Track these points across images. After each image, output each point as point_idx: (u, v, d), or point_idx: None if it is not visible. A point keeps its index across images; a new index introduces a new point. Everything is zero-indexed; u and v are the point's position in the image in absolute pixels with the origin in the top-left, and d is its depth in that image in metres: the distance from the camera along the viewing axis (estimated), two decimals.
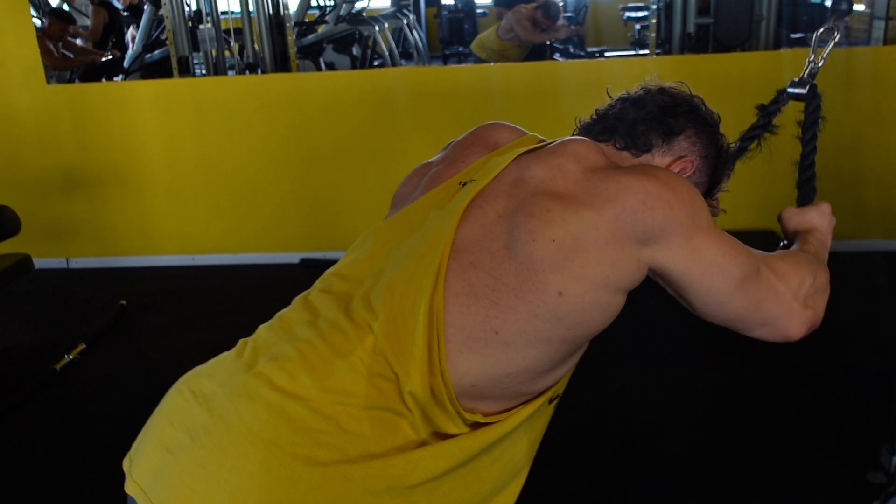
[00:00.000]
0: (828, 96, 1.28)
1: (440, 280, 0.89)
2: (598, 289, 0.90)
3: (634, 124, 1.06)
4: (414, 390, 0.86)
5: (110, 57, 5.37)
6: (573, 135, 1.12)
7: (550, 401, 0.99)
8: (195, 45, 4.10)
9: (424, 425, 0.88)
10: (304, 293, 1.01)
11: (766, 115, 1.27)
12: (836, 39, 1.23)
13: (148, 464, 0.90)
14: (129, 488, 0.90)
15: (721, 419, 2.29)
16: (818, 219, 1.18)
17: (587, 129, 1.11)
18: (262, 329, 0.98)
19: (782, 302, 0.98)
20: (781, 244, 1.20)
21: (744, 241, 0.99)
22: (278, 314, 0.99)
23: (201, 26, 4.22)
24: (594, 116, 1.12)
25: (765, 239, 3.63)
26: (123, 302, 3.32)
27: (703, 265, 0.93)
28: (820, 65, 1.24)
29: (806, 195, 1.26)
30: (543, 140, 1.08)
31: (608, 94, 1.14)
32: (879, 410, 1.84)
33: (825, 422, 2.21)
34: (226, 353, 0.97)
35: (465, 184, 0.99)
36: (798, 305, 0.99)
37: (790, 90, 1.25)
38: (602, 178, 0.93)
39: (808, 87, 1.23)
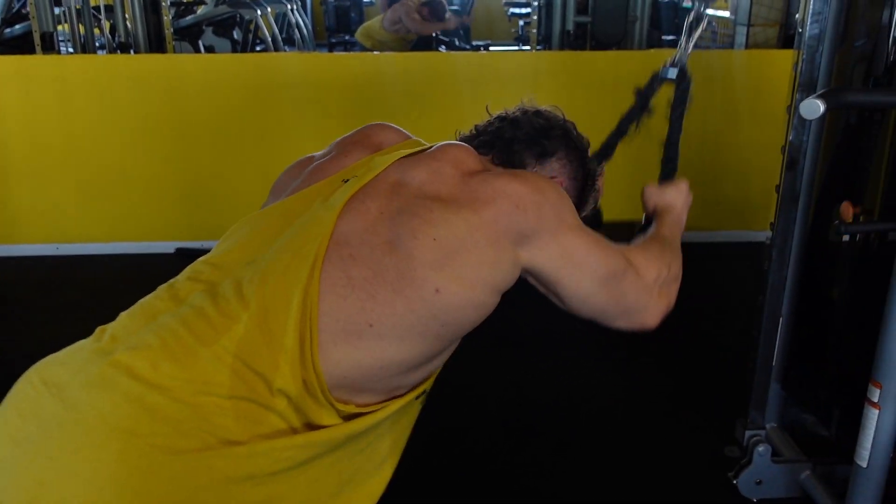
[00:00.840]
0: (694, 96, 1.37)
1: (316, 270, 0.89)
2: (476, 288, 0.94)
3: (511, 143, 1.13)
4: (285, 385, 0.86)
5: None
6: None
7: (418, 397, 1.02)
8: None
9: (296, 417, 0.87)
10: (170, 280, 0.99)
11: (643, 98, 1.35)
12: (703, 26, 1.33)
13: None
14: None
15: (589, 402, 2.38)
16: (676, 197, 1.30)
17: (467, 142, 1.15)
18: (123, 316, 0.95)
19: (641, 295, 1.08)
20: (642, 221, 1.28)
21: (611, 230, 1.06)
22: (140, 301, 0.97)
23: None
24: (473, 132, 1.18)
25: (630, 228, 3.77)
26: None
27: (571, 263, 1.01)
28: (689, 50, 1.33)
29: (667, 173, 1.36)
30: (425, 144, 1.11)
31: (487, 112, 1.20)
32: (739, 386, 1.97)
33: (689, 401, 2.35)
34: (81, 342, 0.93)
35: (347, 180, 1.01)
36: (654, 297, 1.10)
37: (662, 73, 1.33)
38: (479, 182, 0.99)
39: (678, 70, 1.32)
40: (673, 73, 1.34)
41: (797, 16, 5.17)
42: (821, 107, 1.10)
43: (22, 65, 3.61)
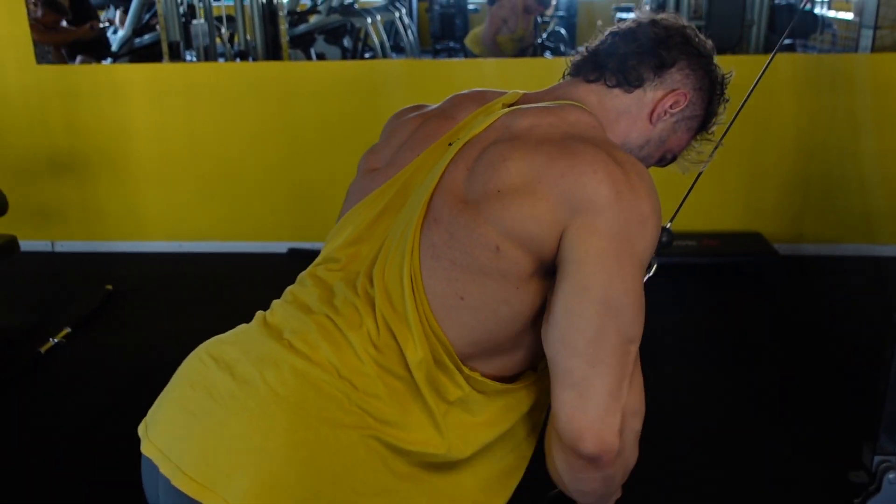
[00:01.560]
0: (819, 101, 1.28)
1: (416, 243, 0.89)
2: (522, 248, 0.86)
3: (625, 59, 1.02)
4: (416, 357, 0.88)
5: (105, 25, 5.25)
6: (564, 74, 1.09)
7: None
8: (188, 40, 4.06)
9: (431, 394, 0.89)
10: (312, 269, 1.01)
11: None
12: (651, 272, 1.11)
13: (167, 425, 0.90)
14: (146, 449, 0.90)
15: (704, 419, 2.31)
16: None
17: (578, 68, 1.07)
18: (278, 305, 0.98)
19: (613, 395, 0.84)
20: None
21: (728, 240, 0.96)
22: (290, 290, 1.00)
23: (195, 21, 4.18)
24: (585, 53, 1.07)
25: (749, 240, 3.66)
26: (109, 286, 3.30)
27: (603, 265, 0.84)
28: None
29: None
30: (527, 95, 1.06)
31: (599, 30, 1.10)
32: (862, 410, 1.86)
33: (809, 421, 2.24)
34: (245, 325, 0.98)
35: (451, 143, 0.98)
36: (618, 420, 0.84)
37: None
38: (580, 141, 0.90)
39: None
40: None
41: None
42: None
43: (151, 73, 3.84)
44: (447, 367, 0.90)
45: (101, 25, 5.21)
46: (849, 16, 6.85)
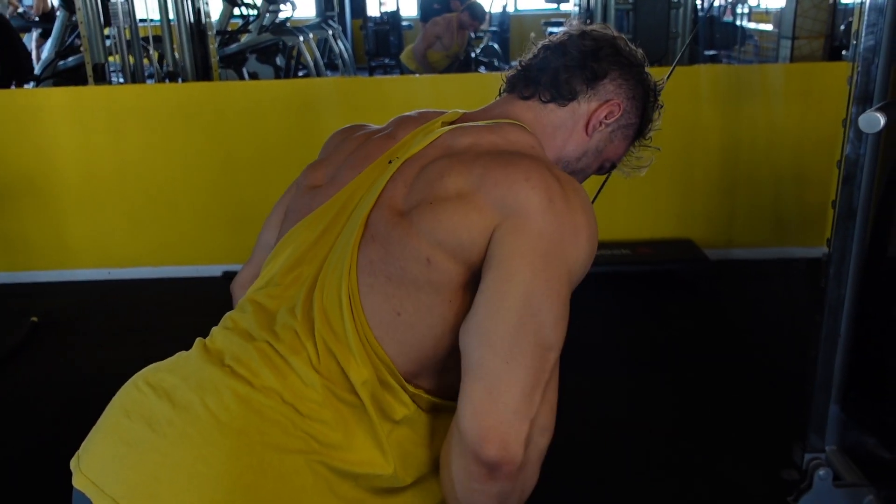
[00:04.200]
0: (743, 110, 1.33)
1: (353, 262, 0.89)
2: (452, 258, 0.86)
3: (557, 73, 1.04)
4: (361, 378, 0.87)
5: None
6: (500, 91, 1.11)
7: None
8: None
9: (377, 415, 0.88)
10: (251, 294, 0.99)
11: None
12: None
13: (101, 457, 0.87)
14: (79, 482, 0.86)
15: (638, 424, 2.34)
16: None
17: (513, 84, 1.09)
18: (218, 331, 0.97)
19: (524, 398, 0.81)
20: None
21: (661, 247, 1.00)
22: (229, 316, 0.98)
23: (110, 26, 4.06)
24: (518, 68, 1.09)
25: (681, 247, 3.73)
26: (35, 318, 3.17)
27: (530, 265, 0.83)
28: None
29: None
30: (466, 114, 1.07)
31: (532, 43, 1.12)
32: (792, 410, 1.91)
33: (742, 422, 2.29)
34: (184, 352, 0.96)
35: (392, 161, 0.98)
36: (526, 428, 0.81)
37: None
38: (516, 154, 0.91)
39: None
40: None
41: (847, 27, 5.08)
42: (881, 120, 1.07)
43: (75, 96, 3.73)
44: (391, 386, 0.89)
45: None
46: (769, 27, 7.12)
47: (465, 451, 0.81)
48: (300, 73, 6.40)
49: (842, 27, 5.12)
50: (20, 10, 6.49)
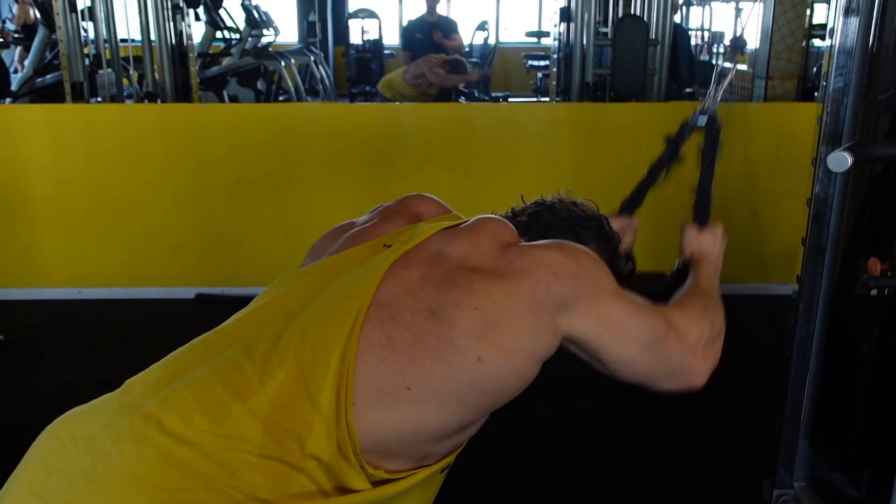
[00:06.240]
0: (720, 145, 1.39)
1: (356, 329, 0.89)
2: (518, 358, 0.94)
3: (548, 227, 1.14)
4: (318, 446, 0.84)
5: None
6: None
7: (442, 471, 1.00)
8: (94, 89, 3.95)
9: (326, 479, 0.86)
10: (204, 334, 0.97)
11: (673, 146, 1.37)
12: (731, 76, 1.36)
13: None
14: None
15: (609, 456, 2.33)
16: (713, 244, 1.38)
17: None
18: (155, 368, 0.94)
19: (686, 356, 1.08)
20: (677, 265, 1.32)
21: (635, 281, 1.05)
22: (173, 353, 0.96)
23: (101, 71, 4.07)
24: (509, 214, 1.19)
25: (655, 280, 3.75)
26: (1, 336, 3.11)
27: (611, 328, 1.01)
28: (718, 98, 1.35)
29: (701, 218, 1.37)
30: (462, 218, 1.13)
31: (522, 200, 1.23)
32: (763, 445, 1.92)
33: (712, 457, 2.30)
34: (109, 394, 0.92)
35: (388, 246, 1.01)
36: (699, 357, 1.10)
37: (692, 121, 1.36)
38: (517, 253, 1.00)
39: (708, 117, 1.37)
40: (702, 121, 1.39)
41: (818, 69, 5.20)
42: (849, 159, 1.09)
43: (52, 113, 3.70)
44: (350, 462, 0.87)
45: None
46: (743, 67, 7.27)
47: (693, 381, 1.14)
48: (281, 98, 6.41)
49: (814, 69, 5.24)
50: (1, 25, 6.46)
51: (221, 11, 6.14)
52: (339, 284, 0.96)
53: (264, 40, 6.45)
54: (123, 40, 4.59)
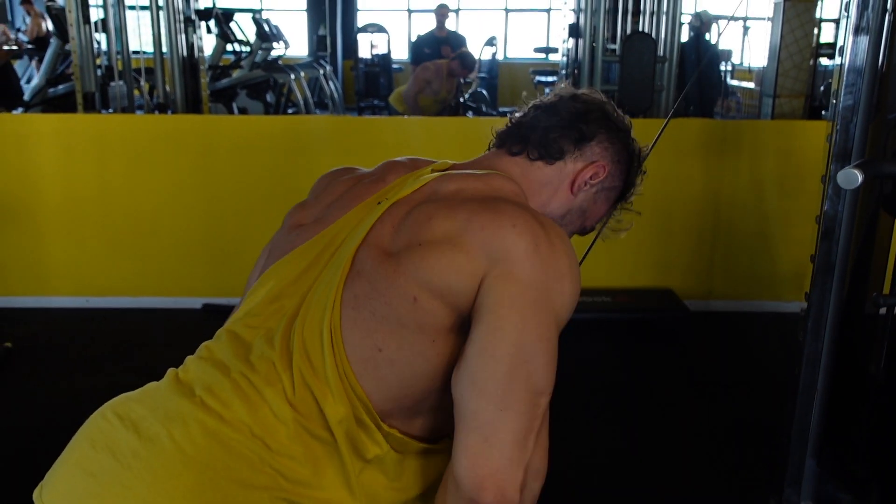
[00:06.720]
0: (726, 164, 1.36)
1: (337, 296, 0.89)
2: (439, 299, 0.87)
3: (547, 132, 1.07)
4: (336, 415, 0.87)
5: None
6: (489, 146, 1.14)
7: None
8: (105, 101, 3.98)
9: (349, 453, 0.88)
10: (229, 325, 0.99)
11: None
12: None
13: (63, 487, 0.85)
14: None
15: (615, 473, 2.32)
16: None
17: (502, 140, 1.11)
18: (191, 361, 0.96)
19: (519, 445, 0.83)
20: None
21: (641, 296, 1.02)
22: (205, 345, 0.98)
23: (113, 83, 4.10)
24: (509, 125, 1.12)
25: (661, 296, 3.75)
26: (8, 344, 3.12)
27: (518, 312, 0.85)
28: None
29: None
30: (455, 164, 1.09)
31: (523, 101, 1.15)
32: (768, 463, 1.91)
33: (719, 474, 2.28)
34: (154, 383, 0.95)
35: (380, 202, 0.99)
36: (521, 474, 0.83)
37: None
38: (503, 201, 0.93)
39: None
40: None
41: (826, 87, 5.22)
42: (859, 177, 1.10)
43: (63, 123, 3.72)
44: (366, 424, 0.89)
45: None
46: (751, 85, 7.29)
47: (461, 499, 0.82)
48: (290, 111, 6.45)
49: (821, 88, 5.25)
50: (13, 37, 6.53)
51: (232, 24, 6.19)
52: (336, 255, 0.95)
53: (274, 53, 6.51)
54: (135, 52, 4.63)
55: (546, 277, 0.87)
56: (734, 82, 7.79)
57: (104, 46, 4.20)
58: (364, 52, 8.63)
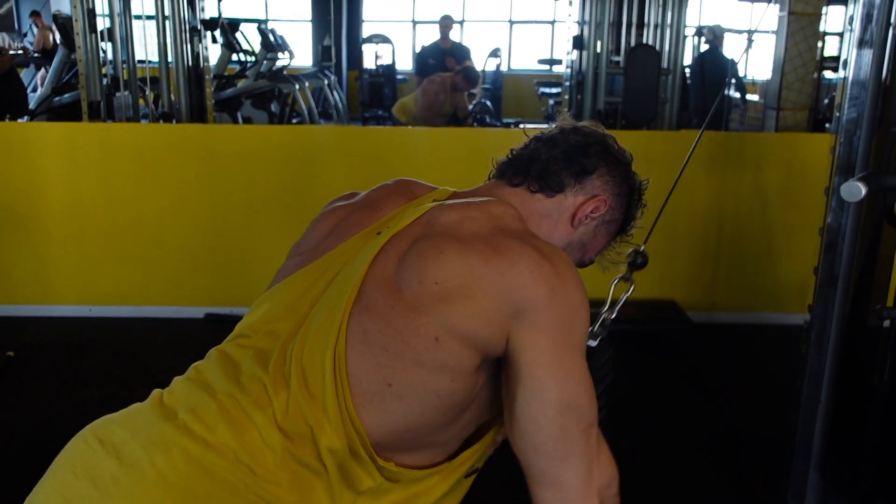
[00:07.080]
0: (730, 177, 1.36)
1: (343, 327, 0.88)
2: (464, 343, 0.88)
3: (547, 165, 1.07)
4: (331, 445, 0.85)
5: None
6: (489, 176, 1.14)
7: (467, 475, 0.99)
8: (110, 111, 4.00)
9: (339, 483, 0.87)
10: (220, 345, 0.98)
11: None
12: (630, 292, 1.28)
13: None
14: None
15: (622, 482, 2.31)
16: None
17: (502, 170, 1.11)
18: (178, 382, 0.94)
19: (586, 482, 0.92)
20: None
21: (644, 308, 1.01)
22: (194, 366, 0.96)
23: (118, 93, 4.12)
24: (509, 156, 1.12)
25: (664, 308, 3.74)
26: (11, 353, 3.12)
27: (553, 366, 0.88)
28: (612, 317, 1.25)
29: None
30: (456, 192, 1.09)
31: (524, 133, 1.15)
32: (774, 476, 1.90)
33: (721, 486, 2.27)
34: (138, 404, 0.93)
35: (380, 233, 0.98)
36: (595, 497, 0.93)
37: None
38: (507, 236, 0.93)
39: (598, 340, 1.22)
40: (591, 344, 1.20)
41: (830, 100, 5.22)
42: (862, 189, 1.10)
43: (68, 132, 3.74)
44: (361, 456, 0.88)
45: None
46: (755, 97, 7.30)
47: None
48: (294, 121, 6.47)
49: (825, 101, 5.26)
50: (15, 44, 6.58)
51: (238, 34, 6.22)
52: (335, 283, 0.94)
53: (279, 63, 6.53)
54: (141, 61, 4.65)
55: (566, 318, 0.90)
56: (737, 95, 7.80)
57: (110, 55, 4.22)
58: (368, 62, 8.67)
